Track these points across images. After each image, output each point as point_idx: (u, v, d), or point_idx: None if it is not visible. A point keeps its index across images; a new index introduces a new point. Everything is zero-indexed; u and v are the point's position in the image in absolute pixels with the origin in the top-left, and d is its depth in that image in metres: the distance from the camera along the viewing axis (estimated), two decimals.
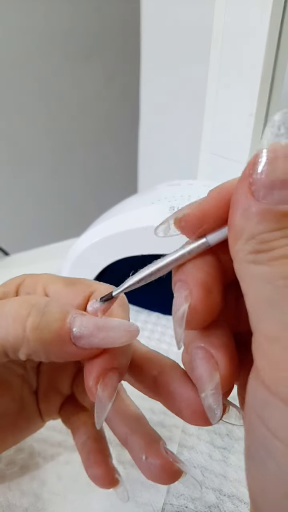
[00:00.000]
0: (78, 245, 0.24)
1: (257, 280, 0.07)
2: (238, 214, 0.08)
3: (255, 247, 0.07)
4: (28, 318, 0.10)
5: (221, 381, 0.08)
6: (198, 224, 0.09)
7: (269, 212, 0.07)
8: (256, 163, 0.07)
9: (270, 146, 0.07)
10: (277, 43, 0.30)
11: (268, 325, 0.07)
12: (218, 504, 0.14)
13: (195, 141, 0.38)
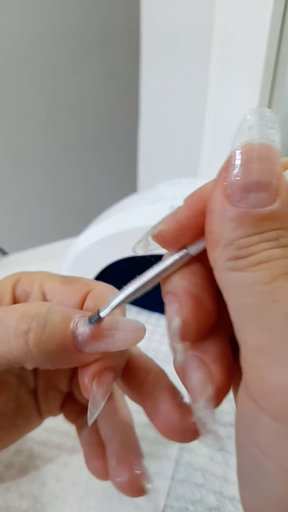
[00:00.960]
0: (77, 244, 0.24)
1: (237, 287, 0.07)
2: (214, 220, 0.07)
3: (233, 254, 0.07)
4: (29, 333, 0.09)
5: (215, 393, 0.08)
6: (175, 238, 0.08)
7: (246, 216, 0.07)
8: (230, 166, 0.07)
9: (244, 147, 0.07)
10: (279, 41, 0.30)
11: (251, 335, 0.07)
12: (219, 506, 0.14)
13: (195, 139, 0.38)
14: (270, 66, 0.30)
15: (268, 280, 0.07)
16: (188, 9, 0.36)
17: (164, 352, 0.22)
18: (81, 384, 0.10)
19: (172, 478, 0.15)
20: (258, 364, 0.07)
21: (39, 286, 0.12)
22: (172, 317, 0.08)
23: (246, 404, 0.07)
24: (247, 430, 0.07)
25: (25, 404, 0.13)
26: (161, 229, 0.08)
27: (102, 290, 0.12)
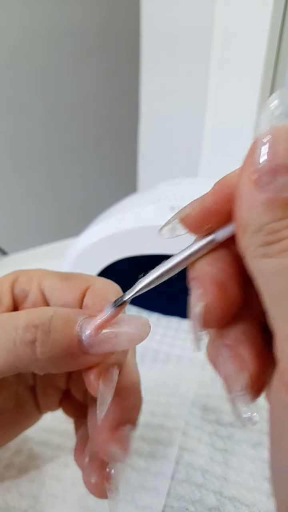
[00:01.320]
0: (77, 244, 0.24)
1: (269, 274, 0.07)
2: (242, 206, 0.07)
3: (263, 239, 0.07)
4: (36, 343, 0.09)
5: (250, 381, 0.08)
6: (202, 223, 0.08)
7: (275, 200, 0.07)
8: (256, 150, 0.07)
9: (269, 130, 0.07)
10: (279, 40, 0.30)
11: (284, 323, 0.07)
12: (219, 507, 0.14)
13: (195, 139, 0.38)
14: (270, 66, 0.30)
15: None
16: (188, 9, 0.36)
17: (164, 352, 0.22)
18: (87, 382, 0.10)
19: (172, 478, 0.15)
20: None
21: (37, 284, 0.12)
22: (196, 302, 0.08)
23: (280, 394, 0.07)
24: (282, 421, 0.07)
25: (24, 401, 0.13)
26: (188, 213, 0.08)
27: (101, 285, 0.12)
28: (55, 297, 0.12)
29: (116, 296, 0.11)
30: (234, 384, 0.08)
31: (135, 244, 0.21)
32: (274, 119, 0.07)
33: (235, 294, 0.08)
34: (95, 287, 0.11)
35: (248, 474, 0.15)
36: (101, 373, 0.10)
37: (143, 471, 0.15)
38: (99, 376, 0.10)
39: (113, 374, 0.10)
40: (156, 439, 0.16)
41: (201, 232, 0.08)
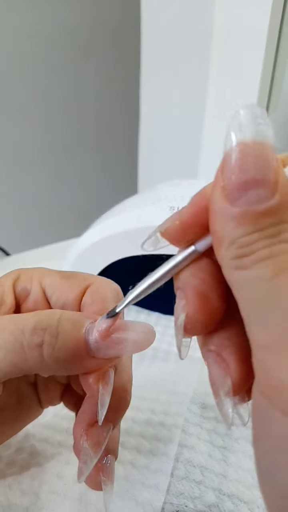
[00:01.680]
0: (78, 245, 0.24)
1: (243, 285, 0.07)
2: (215, 220, 0.07)
3: (236, 252, 0.07)
4: (43, 346, 0.10)
5: (233, 386, 0.08)
6: (182, 235, 0.08)
7: (245, 214, 0.07)
8: (226, 165, 0.07)
9: (237, 145, 0.07)
10: (277, 42, 0.30)
11: (258, 332, 0.07)
12: (218, 504, 0.14)
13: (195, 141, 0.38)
14: (268, 67, 0.31)
15: (271, 277, 0.07)
16: (188, 12, 0.36)
17: (164, 351, 0.22)
18: (85, 384, 0.10)
19: (171, 475, 0.15)
20: (266, 361, 0.07)
21: (38, 282, 0.12)
22: (179, 312, 0.08)
23: (258, 399, 0.07)
24: (261, 424, 0.07)
25: (25, 396, 0.14)
26: (168, 226, 0.09)
27: (100, 284, 0.12)
28: (56, 296, 0.12)
29: (114, 295, 0.12)
30: (219, 389, 0.08)
31: (135, 244, 0.22)
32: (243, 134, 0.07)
33: (217, 304, 0.08)
34: (95, 286, 0.12)
35: (247, 471, 0.15)
36: (100, 375, 0.10)
37: (143, 468, 0.15)
38: (98, 379, 0.10)
39: (110, 376, 0.10)
40: (156, 437, 0.17)
41: (183, 243, 0.09)
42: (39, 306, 0.12)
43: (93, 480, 0.11)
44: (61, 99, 0.62)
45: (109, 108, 0.67)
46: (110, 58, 0.64)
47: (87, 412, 0.11)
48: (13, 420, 0.13)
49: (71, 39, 0.59)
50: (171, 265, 0.09)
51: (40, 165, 0.65)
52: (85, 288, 0.12)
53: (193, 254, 0.09)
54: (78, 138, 0.67)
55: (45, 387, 0.14)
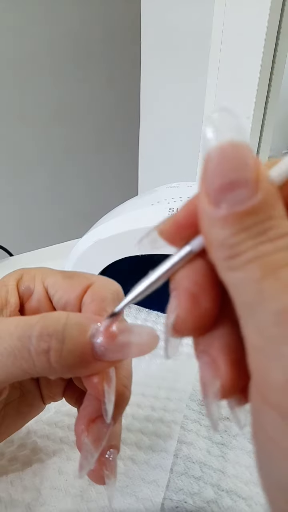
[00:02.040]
0: (80, 245, 0.24)
1: (237, 285, 0.07)
2: (204, 223, 0.08)
3: (226, 253, 0.07)
4: (50, 352, 0.10)
5: (221, 388, 0.08)
6: (177, 235, 0.09)
7: (229, 215, 0.07)
8: (205, 170, 0.07)
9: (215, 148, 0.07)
10: (275, 47, 0.31)
11: (250, 333, 0.07)
12: (217, 499, 0.14)
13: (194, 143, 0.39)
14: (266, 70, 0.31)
15: (258, 278, 0.07)
16: (187, 16, 0.36)
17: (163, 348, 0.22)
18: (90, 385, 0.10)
19: (171, 471, 0.15)
20: (257, 361, 0.07)
21: (40, 282, 0.12)
22: (169, 313, 0.08)
23: (254, 398, 0.07)
24: (257, 420, 0.07)
25: (28, 392, 0.14)
26: (164, 226, 0.09)
27: (101, 284, 0.12)
28: (58, 295, 0.12)
29: (114, 295, 0.12)
30: (208, 390, 0.08)
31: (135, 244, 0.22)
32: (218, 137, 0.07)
33: (208, 306, 0.08)
34: (95, 286, 0.12)
35: (245, 467, 0.16)
36: (103, 375, 0.10)
37: (143, 464, 0.16)
38: (102, 378, 0.10)
39: (112, 373, 0.11)
40: (155, 433, 0.17)
41: (179, 243, 0.09)
42: (42, 305, 0.13)
43: (96, 474, 0.11)
44: (62, 101, 0.63)
45: (109, 110, 0.68)
46: (111, 61, 0.64)
47: (87, 408, 0.11)
48: (16, 416, 0.14)
49: (72, 42, 0.60)
50: (167, 266, 0.09)
51: (42, 167, 0.66)
52: (86, 288, 0.12)
53: (189, 254, 0.09)
54: (79, 140, 0.67)
55: (47, 383, 0.14)
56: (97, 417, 0.11)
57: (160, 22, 0.39)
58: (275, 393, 0.07)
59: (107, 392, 0.10)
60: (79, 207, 0.73)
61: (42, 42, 0.58)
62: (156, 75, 0.42)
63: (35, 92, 0.60)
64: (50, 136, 0.64)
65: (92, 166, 0.71)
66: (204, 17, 0.34)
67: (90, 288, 0.12)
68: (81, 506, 0.14)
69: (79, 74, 0.63)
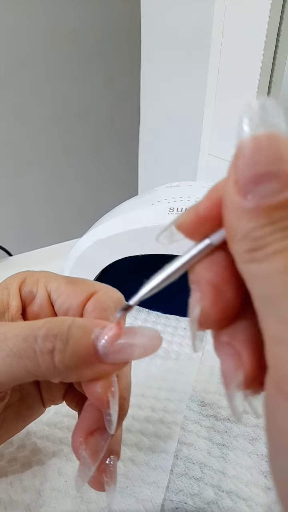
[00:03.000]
0: (79, 245, 0.24)
1: (257, 278, 0.07)
2: (228, 214, 0.08)
3: (250, 246, 0.07)
4: (55, 352, 0.10)
5: (245, 379, 0.08)
6: (197, 228, 0.08)
7: (258, 207, 0.07)
8: (238, 159, 0.07)
9: (250, 138, 0.07)
10: (275, 46, 0.31)
11: (271, 324, 0.07)
12: (217, 500, 0.14)
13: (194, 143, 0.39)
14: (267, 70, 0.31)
15: (284, 270, 0.07)
16: (187, 16, 0.36)
17: (163, 349, 0.22)
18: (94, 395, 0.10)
19: (171, 472, 0.15)
20: (278, 352, 0.07)
21: (43, 286, 0.12)
22: (193, 306, 0.08)
23: (270, 390, 0.07)
24: (272, 415, 0.07)
25: (28, 395, 0.14)
26: (184, 219, 0.08)
27: (105, 292, 0.12)
28: (60, 300, 0.12)
29: (117, 305, 0.12)
30: (231, 381, 0.08)
31: (135, 245, 0.22)
32: (255, 127, 0.07)
33: (231, 297, 0.08)
34: (99, 294, 0.12)
35: (245, 468, 0.16)
36: (107, 385, 0.10)
37: (143, 464, 0.16)
38: (106, 388, 0.10)
39: (115, 384, 0.11)
40: (155, 434, 0.17)
41: (198, 237, 0.09)
42: (44, 309, 0.12)
43: (95, 480, 0.11)
44: (61, 101, 0.63)
45: (109, 110, 0.68)
46: (111, 61, 0.64)
47: (86, 420, 0.11)
48: (15, 419, 0.13)
49: (72, 41, 0.60)
50: (186, 258, 0.09)
51: (42, 167, 0.66)
52: (90, 295, 0.12)
53: (208, 247, 0.08)
54: (79, 140, 0.67)
55: (48, 386, 0.14)
56: (96, 429, 0.11)
57: (160, 22, 0.39)
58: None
59: (112, 403, 0.10)
60: (79, 207, 0.73)
61: (42, 42, 0.58)
62: (156, 75, 0.42)
63: (34, 92, 0.60)
64: (50, 136, 0.64)
65: (92, 166, 0.71)
66: (204, 17, 0.34)
67: (93, 295, 0.12)
68: (81, 507, 0.14)
69: (78, 74, 0.63)
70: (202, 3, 0.34)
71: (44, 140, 0.63)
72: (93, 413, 0.11)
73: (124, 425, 0.17)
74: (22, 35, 0.55)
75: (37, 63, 0.58)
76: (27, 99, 0.59)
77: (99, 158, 0.70)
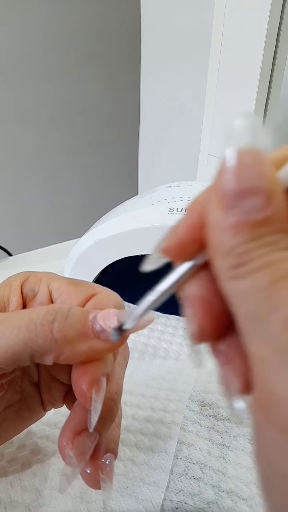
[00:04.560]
0: (79, 245, 0.24)
1: (239, 295, 0.07)
2: (212, 230, 0.07)
3: (233, 262, 0.07)
4: (54, 323, 0.10)
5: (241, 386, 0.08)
6: (178, 253, 0.08)
7: (242, 223, 0.07)
8: (222, 175, 0.07)
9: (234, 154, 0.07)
10: (275, 46, 0.31)
11: (255, 344, 0.07)
12: (217, 500, 0.14)
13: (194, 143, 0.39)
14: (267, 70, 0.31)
15: (267, 285, 0.07)
16: (187, 16, 0.36)
17: (163, 349, 0.22)
18: (79, 391, 0.11)
19: (171, 472, 0.15)
20: (262, 375, 0.07)
21: (46, 285, 0.13)
22: (189, 322, 0.08)
23: (255, 413, 0.07)
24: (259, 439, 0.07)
25: (28, 396, 0.14)
26: (166, 245, 0.09)
27: (106, 295, 0.12)
28: (61, 299, 0.12)
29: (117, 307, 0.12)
30: (228, 388, 0.08)
31: (135, 245, 0.22)
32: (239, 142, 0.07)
33: (222, 308, 0.08)
34: (99, 297, 0.12)
35: (245, 468, 0.16)
36: (94, 382, 0.10)
37: (143, 464, 0.16)
38: (92, 385, 0.10)
39: (103, 384, 0.11)
40: (155, 434, 0.17)
41: (183, 259, 0.09)
42: None
43: (92, 478, 0.11)
44: (62, 101, 0.63)
45: (109, 110, 0.68)
46: (111, 61, 0.65)
47: (74, 420, 0.11)
48: (15, 420, 0.14)
49: (72, 42, 0.60)
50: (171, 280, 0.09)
51: (42, 167, 0.66)
52: (90, 296, 0.12)
53: (193, 268, 0.09)
54: (79, 140, 0.67)
55: (48, 388, 0.14)
56: (83, 430, 0.11)
57: (160, 22, 0.39)
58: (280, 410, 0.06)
59: (94, 400, 0.10)
60: (79, 207, 0.73)
61: (42, 42, 0.58)
62: (156, 75, 0.42)
63: (34, 91, 0.60)
64: (50, 136, 0.64)
65: (91, 166, 0.71)
66: (204, 17, 0.34)
67: (93, 297, 0.12)
68: (81, 507, 0.14)
69: (79, 74, 0.63)
70: (202, 3, 0.34)
71: (44, 140, 0.63)
72: (81, 413, 0.11)
73: (124, 425, 0.17)
74: (22, 35, 0.55)
75: (37, 63, 0.58)
76: (27, 99, 0.59)
77: (99, 158, 0.70)
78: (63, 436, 0.11)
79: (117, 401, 0.12)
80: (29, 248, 0.35)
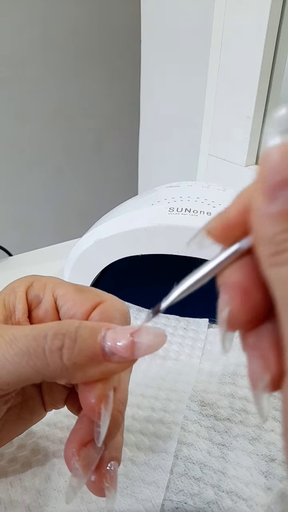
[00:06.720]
0: (79, 245, 0.24)
1: (280, 282, 0.07)
2: (255, 218, 0.08)
3: (274, 249, 0.07)
4: (63, 349, 0.10)
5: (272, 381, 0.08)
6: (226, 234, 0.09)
7: (283, 212, 0.07)
8: (266, 164, 0.07)
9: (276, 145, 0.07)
10: (275, 46, 0.31)
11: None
12: (217, 500, 0.14)
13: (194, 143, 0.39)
14: (267, 70, 0.31)
15: None
16: (187, 16, 0.36)
17: (163, 349, 0.22)
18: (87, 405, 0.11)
19: (171, 472, 0.15)
20: None
21: (51, 291, 0.12)
22: (222, 307, 0.08)
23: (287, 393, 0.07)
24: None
25: (30, 398, 0.14)
26: (213, 226, 0.09)
27: (112, 303, 0.12)
28: (66, 307, 0.12)
29: (123, 317, 0.12)
30: (257, 383, 0.08)
31: (135, 245, 0.22)
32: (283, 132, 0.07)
33: (259, 299, 0.08)
34: (106, 305, 0.12)
35: (245, 468, 0.16)
36: (102, 397, 0.10)
37: (143, 465, 0.16)
38: (100, 400, 0.10)
39: (111, 397, 0.11)
40: (155, 434, 0.17)
41: (227, 242, 0.09)
42: (49, 315, 0.13)
43: (96, 486, 0.11)
44: (62, 101, 0.63)
45: (109, 110, 0.68)
46: (111, 61, 0.64)
47: (79, 431, 0.11)
48: (16, 421, 0.14)
49: (72, 42, 0.60)
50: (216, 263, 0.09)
51: (42, 167, 0.66)
52: (96, 304, 0.12)
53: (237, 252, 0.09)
54: (79, 139, 0.67)
55: (49, 390, 0.14)
56: (89, 441, 0.11)
57: (160, 22, 0.39)
58: None
59: (103, 415, 0.10)
60: (79, 207, 0.73)
61: (42, 41, 0.58)
62: (156, 75, 0.42)
63: (34, 92, 0.60)
64: (50, 135, 0.64)
65: (92, 166, 0.71)
66: (204, 17, 0.34)
67: (100, 305, 0.12)
68: (81, 508, 0.14)
69: (79, 74, 0.63)
70: (202, 3, 0.34)
71: (44, 140, 0.63)
72: (87, 424, 0.11)
73: (124, 425, 0.17)
74: (22, 34, 0.55)
75: (37, 63, 0.58)
76: (27, 99, 0.59)
77: (99, 158, 0.70)
78: (69, 448, 0.11)
79: (123, 411, 0.12)
80: (29, 248, 0.35)
